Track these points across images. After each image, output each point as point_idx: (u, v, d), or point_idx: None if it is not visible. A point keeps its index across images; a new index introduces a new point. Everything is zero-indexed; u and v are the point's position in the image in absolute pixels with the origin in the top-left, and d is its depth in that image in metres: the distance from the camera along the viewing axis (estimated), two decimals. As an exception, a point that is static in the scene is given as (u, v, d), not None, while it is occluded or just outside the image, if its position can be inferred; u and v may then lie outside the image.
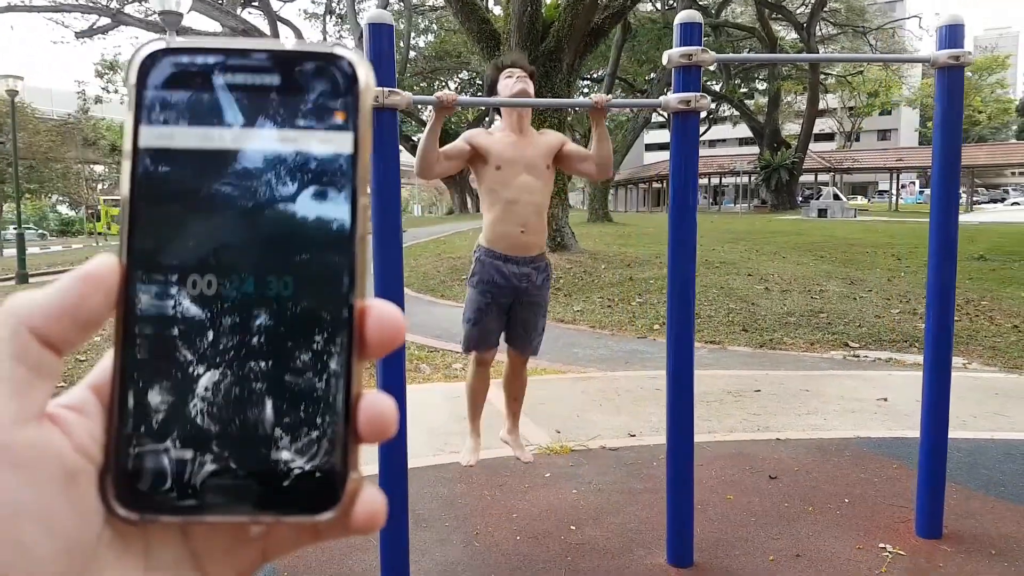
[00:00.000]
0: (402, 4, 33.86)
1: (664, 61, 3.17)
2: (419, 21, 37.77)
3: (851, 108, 60.70)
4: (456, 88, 45.76)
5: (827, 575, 3.28)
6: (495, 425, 4.47)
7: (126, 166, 0.30)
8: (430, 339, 8.19)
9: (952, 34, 3.39)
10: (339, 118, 0.30)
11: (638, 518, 3.86)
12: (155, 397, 0.29)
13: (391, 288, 2.99)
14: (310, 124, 0.30)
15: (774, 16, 37.28)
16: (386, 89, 2.86)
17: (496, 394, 4.27)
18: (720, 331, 8.65)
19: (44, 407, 0.28)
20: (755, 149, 47.02)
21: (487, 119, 45.13)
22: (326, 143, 0.30)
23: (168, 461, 0.29)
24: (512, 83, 3.36)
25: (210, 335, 0.29)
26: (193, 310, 0.29)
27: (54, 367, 0.28)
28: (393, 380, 3.08)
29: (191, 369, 0.29)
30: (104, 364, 0.30)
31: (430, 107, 3.34)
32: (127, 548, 0.29)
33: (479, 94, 42.33)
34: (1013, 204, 50.76)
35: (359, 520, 0.30)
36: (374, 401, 0.30)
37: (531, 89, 3.41)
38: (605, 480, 4.36)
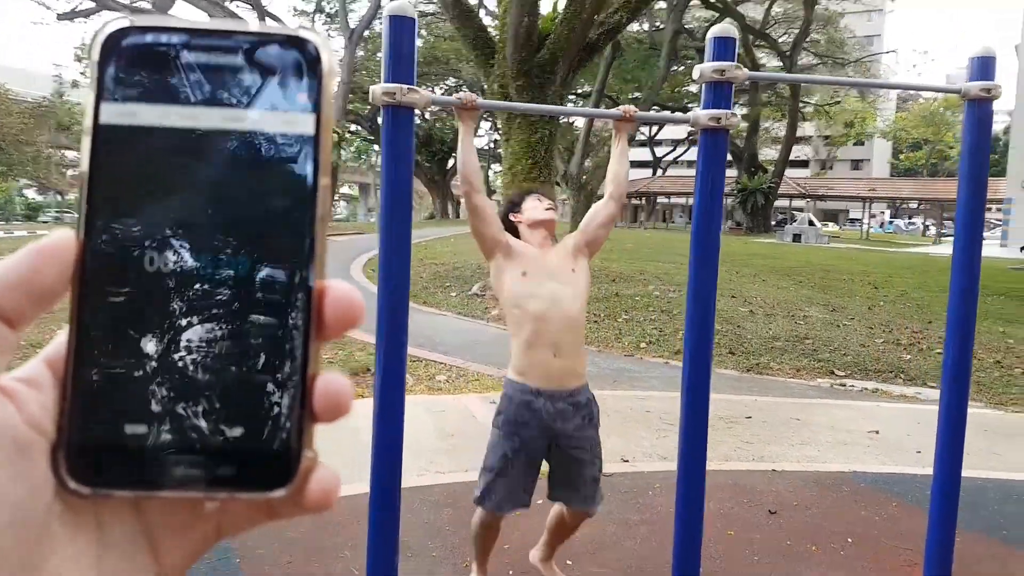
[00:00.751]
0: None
1: (695, 75, 3.02)
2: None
3: (827, 137, 61.46)
4: (442, 94, 45.58)
5: (837, 621, 3.14)
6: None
7: (86, 142, 0.29)
8: (412, 348, 7.97)
9: (983, 66, 3.27)
10: (301, 99, 0.30)
11: (637, 554, 3.70)
12: (109, 372, 0.29)
13: (397, 297, 2.80)
14: (273, 105, 0.30)
15: (757, 43, 37.63)
16: (404, 86, 2.67)
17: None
18: (706, 354, 8.54)
19: None
20: (731, 172, 47.34)
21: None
22: (288, 124, 0.30)
23: (121, 436, 0.29)
24: (542, 208, 3.10)
25: (167, 312, 0.29)
26: (150, 287, 0.29)
27: (8, 340, 0.28)
28: (391, 395, 2.89)
29: (146, 345, 0.29)
30: (60, 339, 0.30)
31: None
32: (80, 523, 0.29)
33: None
34: (980, 239, 51.59)
35: (312, 498, 0.30)
36: (330, 380, 0.30)
37: (555, 220, 3.14)
38: (599, 510, 4.18)
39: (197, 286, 0.29)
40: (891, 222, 65.07)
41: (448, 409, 6.00)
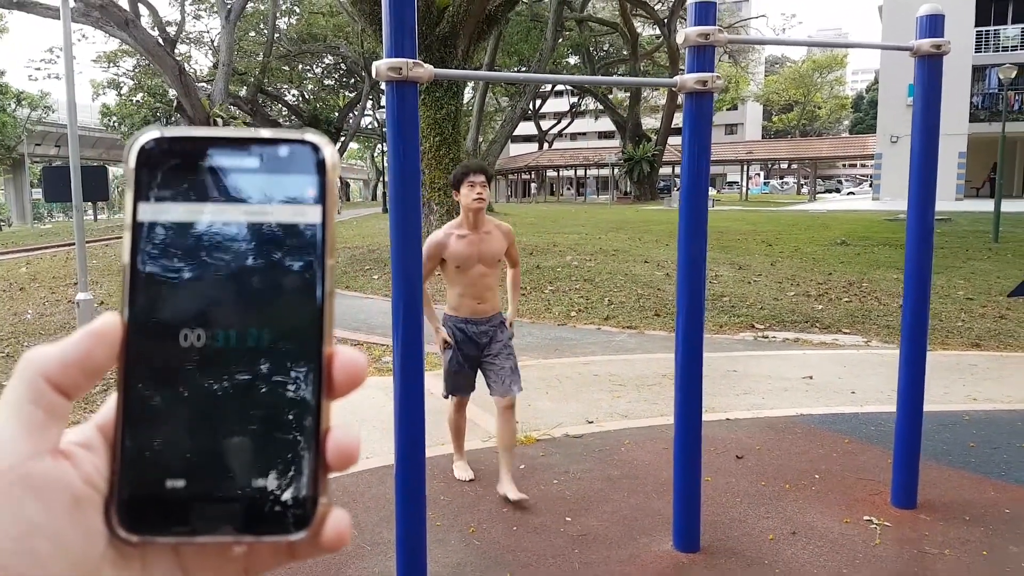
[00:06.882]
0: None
1: (679, 40, 3.12)
2: (280, 2, 36.25)
3: (703, 103, 63.14)
4: (322, 72, 44.41)
5: (828, 550, 3.36)
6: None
7: (126, 237, 0.33)
8: (350, 332, 7.87)
9: (932, 24, 3.52)
10: (310, 193, 0.34)
11: (628, 505, 3.83)
12: (151, 435, 0.33)
13: (410, 273, 2.79)
14: (285, 199, 0.34)
15: (635, 13, 38.38)
16: (410, 61, 2.65)
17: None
18: (634, 316, 8.79)
19: (57, 443, 0.32)
20: (613, 143, 48.23)
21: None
22: (299, 215, 0.34)
23: (163, 490, 0.33)
24: (472, 196, 3.86)
25: (199, 380, 0.33)
26: (184, 360, 0.33)
27: (65, 409, 0.32)
28: (412, 387, 2.89)
29: (182, 410, 0.33)
30: (109, 406, 0.34)
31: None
32: (127, 566, 0.33)
33: (347, 80, 40.11)
34: (849, 194, 55.01)
35: (328, 539, 0.34)
36: (340, 435, 0.34)
37: (487, 195, 3.93)
38: (581, 468, 4.30)
39: (225, 357, 0.33)
40: (766, 183, 68.18)
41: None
